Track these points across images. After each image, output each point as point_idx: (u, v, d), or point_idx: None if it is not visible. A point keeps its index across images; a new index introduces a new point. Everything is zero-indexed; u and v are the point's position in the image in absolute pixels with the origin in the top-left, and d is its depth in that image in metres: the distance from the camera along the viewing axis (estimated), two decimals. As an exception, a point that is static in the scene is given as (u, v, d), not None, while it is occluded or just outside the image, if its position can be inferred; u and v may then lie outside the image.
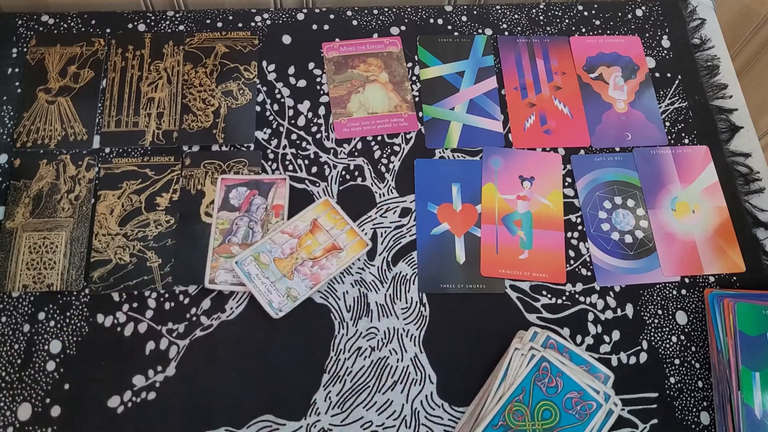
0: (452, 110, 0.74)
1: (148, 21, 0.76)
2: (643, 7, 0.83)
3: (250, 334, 0.62)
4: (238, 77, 0.74)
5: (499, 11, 0.81)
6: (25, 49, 0.73)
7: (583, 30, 0.81)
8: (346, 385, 0.61)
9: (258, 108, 0.72)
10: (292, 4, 0.83)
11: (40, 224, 0.65)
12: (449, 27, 0.79)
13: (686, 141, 0.75)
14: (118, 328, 0.61)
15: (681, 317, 0.65)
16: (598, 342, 0.64)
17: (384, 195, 0.69)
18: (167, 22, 0.76)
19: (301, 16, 0.78)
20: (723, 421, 0.59)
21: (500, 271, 0.66)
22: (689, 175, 0.72)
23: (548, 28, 0.80)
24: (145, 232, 0.65)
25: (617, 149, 0.74)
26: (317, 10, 0.79)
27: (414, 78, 0.76)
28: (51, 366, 0.59)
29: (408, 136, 0.72)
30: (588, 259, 0.67)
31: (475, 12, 0.80)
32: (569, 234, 0.69)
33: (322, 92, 0.74)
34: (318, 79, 0.75)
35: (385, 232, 0.67)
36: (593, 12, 0.82)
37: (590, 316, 0.65)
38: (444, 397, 0.61)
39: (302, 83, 0.74)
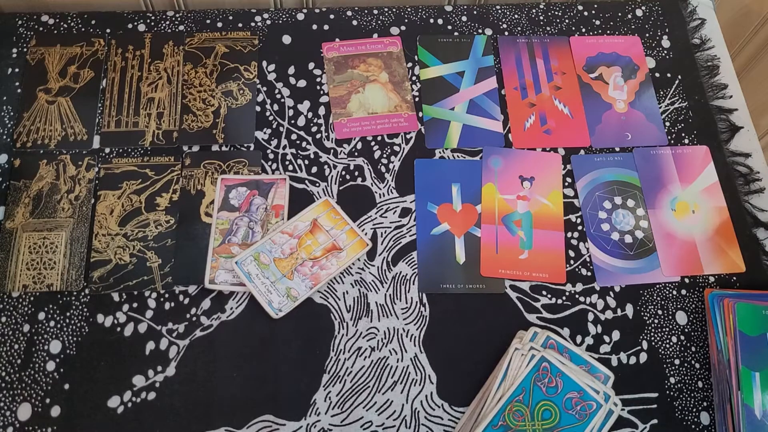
0: (452, 110, 0.74)
1: (148, 21, 0.76)
2: (643, 7, 0.83)
3: (250, 334, 0.62)
4: (238, 77, 0.74)
5: (499, 11, 0.81)
6: (25, 49, 0.73)
7: (583, 30, 0.81)
8: (346, 385, 0.61)
9: (258, 108, 0.72)
10: (292, 4, 0.83)
11: (40, 224, 0.65)
12: (449, 27, 0.79)
13: (686, 141, 0.74)
14: (118, 328, 0.61)
15: (681, 317, 0.65)
16: (598, 342, 0.64)
17: (384, 195, 0.69)
18: (167, 22, 0.76)
19: (301, 16, 0.78)
20: (723, 421, 0.59)
21: (500, 271, 0.66)
22: (689, 175, 0.72)
23: (548, 28, 0.80)
24: (145, 232, 0.65)
25: (617, 149, 0.74)
26: (317, 10, 0.79)
27: (414, 78, 0.76)
28: (51, 366, 0.59)
29: (408, 136, 0.72)
30: (588, 259, 0.67)
31: (475, 12, 0.80)
32: (569, 234, 0.69)
33: (322, 92, 0.74)
34: (318, 79, 0.75)
35: (385, 232, 0.67)
36: (593, 12, 0.82)
37: (590, 316, 0.65)
38: (444, 397, 0.61)
39: (302, 83, 0.74)
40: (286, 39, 0.77)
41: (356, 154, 0.71)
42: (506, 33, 0.80)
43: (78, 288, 0.62)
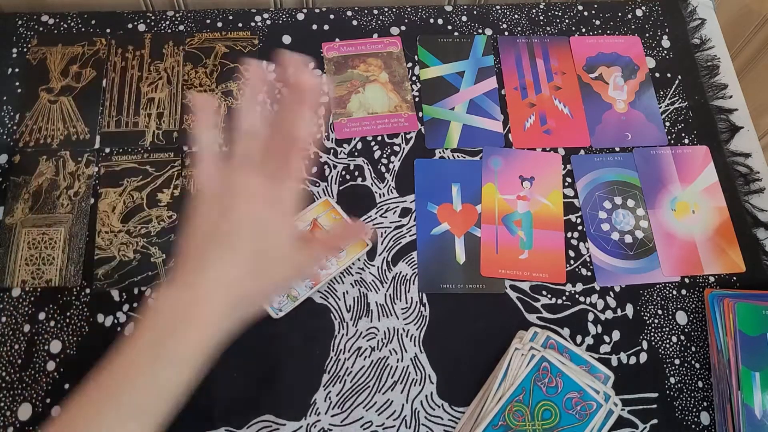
0: (452, 110, 0.74)
1: (148, 21, 0.76)
2: (643, 7, 0.83)
3: (250, 334, 0.62)
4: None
5: (499, 11, 0.81)
6: (25, 49, 0.73)
7: (583, 30, 0.81)
8: (346, 385, 0.61)
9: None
10: (292, 4, 0.83)
11: (39, 220, 0.65)
12: (449, 27, 0.79)
13: (686, 141, 0.75)
14: (119, 328, 0.61)
15: (681, 317, 0.65)
16: (598, 342, 0.64)
17: (384, 195, 0.69)
18: (167, 22, 0.76)
19: (301, 16, 0.78)
20: (723, 421, 0.59)
21: (500, 271, 0.66)
22: (689, 175, 0.72)
23: (548, 28, 0.80)
24: (148, 228, 0.65)
25: (617, 149, 0.74)
26: (317, 10, 0.79)
27: (414, 78, 0.76)
28: (51, 366, 0.59)
29: (408, 136, 0.73)
30: (588, 259, 0.67)
31: (475, 12, 0.81)
32: (569, 234, 0.69)
33: (322, 92, 0.74)
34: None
35: (385, 232, 0.67)
36: (593, 12, 0.82)
37: (590, 316, 0.65)
38: (444, 397, 0.61)
39: (302, 83, 0.74)
40: (286, 39, 0.77)
41: (356, 154, 0.71)
42: (506, 33, 0.80)
43: (76, 283, 0.62)
